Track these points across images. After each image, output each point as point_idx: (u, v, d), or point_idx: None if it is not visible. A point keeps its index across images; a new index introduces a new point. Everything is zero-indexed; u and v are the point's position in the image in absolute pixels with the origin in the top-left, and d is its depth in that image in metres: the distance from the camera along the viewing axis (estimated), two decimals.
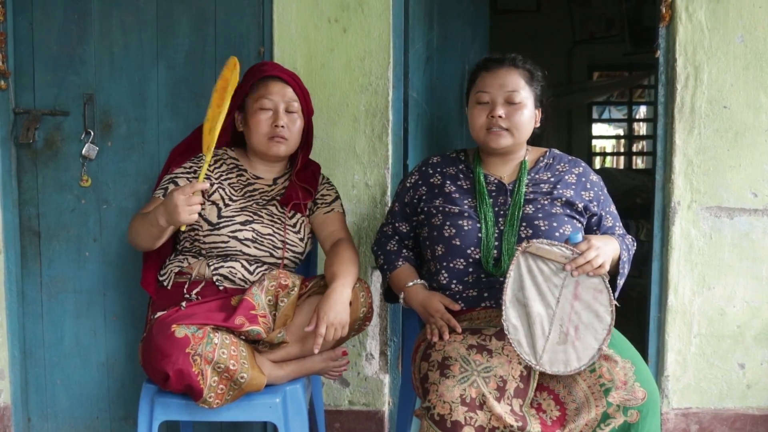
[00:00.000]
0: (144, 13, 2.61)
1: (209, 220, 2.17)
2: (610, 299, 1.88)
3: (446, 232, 2.09)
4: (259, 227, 2.19)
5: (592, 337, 1.88)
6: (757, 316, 2.64)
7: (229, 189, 2.23)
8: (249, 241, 2.17)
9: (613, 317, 1.88)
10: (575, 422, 1.85)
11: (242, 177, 2.27)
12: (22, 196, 2.67)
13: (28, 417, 2.76)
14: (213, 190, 2.20)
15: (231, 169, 2.27)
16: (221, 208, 2.19)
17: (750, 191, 2.59)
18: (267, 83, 2.21)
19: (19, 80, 2.63)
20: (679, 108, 2.57)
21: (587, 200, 2.14)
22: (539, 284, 1.90)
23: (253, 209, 2.22)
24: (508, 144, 2.12)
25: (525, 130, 2.12)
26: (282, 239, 2.21)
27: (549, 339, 1.89)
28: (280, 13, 2.58)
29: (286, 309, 2.07)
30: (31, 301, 2.71)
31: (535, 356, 1.89)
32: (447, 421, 1.78)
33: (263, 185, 2.29)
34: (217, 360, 1.90)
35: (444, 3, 3.11)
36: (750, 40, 2.55)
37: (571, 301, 1.89)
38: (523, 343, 1.89)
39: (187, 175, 2.22)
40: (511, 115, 2.09)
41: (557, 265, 1.89)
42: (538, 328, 1.89)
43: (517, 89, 2.10)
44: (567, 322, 1.89)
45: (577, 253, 1.87)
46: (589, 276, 1.88)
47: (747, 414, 2.67)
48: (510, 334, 1.89)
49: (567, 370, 1.88)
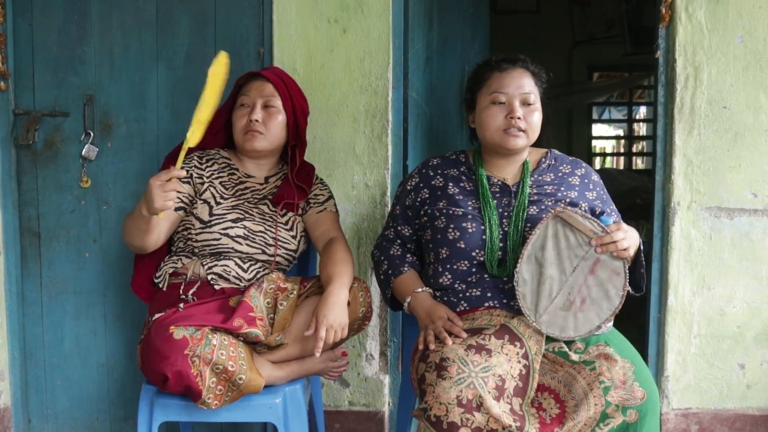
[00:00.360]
0: (144, 14, 2.61)
1: (201, 218, 2.18)
2: (624, 285, 1.92)
3: (450, 234, 2.08)
4: (251, 224, 2.20)
5: (595, 314, 1.91)
6: (757, 317, 2.64)
7: (220, 187, 2.24)
8: (240, 238, 2.17)
9: (621, 302, 1.91)
10: (574, 420, 1.86)
11: (234, 175, 2.28)
12: (22, 197, 2.67)
13: (29, 418, 2.76)
14: (204, 189, 2.21)
15: (222, 168, 2.28)
16: (212, 206, 2.19)
17: (750, 191, 2.59)
18: (248, 82, 2.27)
19: (19, 81, 2.63)
20: (679, 108, 2.57)
21: (591, 200, 2.15)
22: (561, 250, 1.93)
23: (244, 207, 2.23)
24: (524, 145, 2.13)
25: (538, 131, 2.14)
26: (273, 236, 2.21)
27: (554, 302, 1.93)
28: (280, 14, 2.58)
29: (284, 313, 2.06)
30: (31, 302, 2.71)
31: (535, 314, 1.93)
32: (443, 422, 1.78)
33: (255, 183, 2.30)
34: (216, 361, 1.90)
35: (444, 3, 3.11)
36: (750, 41, 2.56)
37: (586, 274, 1.92)
38: (528, 298, 1.94)
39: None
40: (528, 116, 2.10)
41: (584, 238, 1.92)
42: (545, 289, 1.93)
43: (532, 91, 2.12)
44: (576, 292, 1.92)
45: (607, 232, 1.89)
46: (612, 257, 1.91)
47: (747, 414, 2.67)
48: (518, 285, 1.94)
49: (561, 335, 1.92)
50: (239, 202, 2.24)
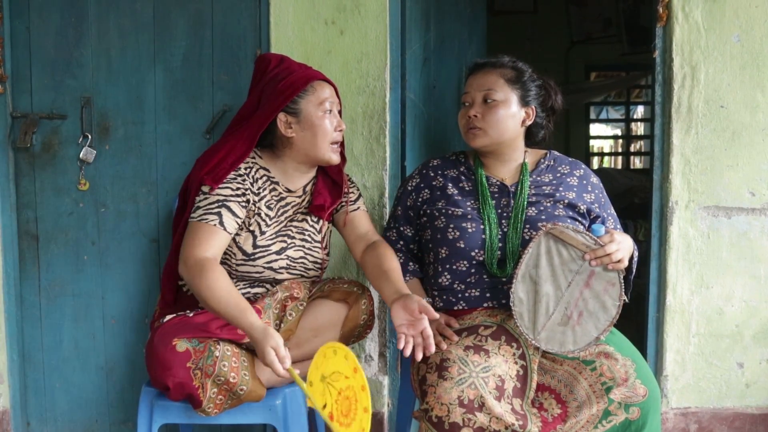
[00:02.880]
0: (141, 16, 2.61)
1: (244, 250, 2.06)
2: (620, 294, 1.92)
3: (450, 234, 2.09)
4: (292, 252, 2.11)
5: (593, 326, 1.91)
6: (755, 316, 2.64)
7: (265, 209, 2.09)
8: (283, 269, 2.11)
9: (618, 311, 1.91)
10: (576, 417, 1.86)
11: (275, 192, 2.13)
12: (19, 200, 2.67)
13: (27, 421, 2.75)
14: (253, 215, 2.07)
15: (265, 183, 2.11)
16: (257, 236, 2.07)
17: (747, 190, 2.60)
18: (323, 86, 2.12)
19: (17, 84, 2.62)
20: (677, 108, 2.58)
21: (589, 202, 2.15)
22: (555, 266, 1.93)
23: (287, 232, 2.12)
24: (485, 143, 2.13)
25: (502, 128, 2.12)
26: (313, 260, 2.16)
27: (551, 318, 1.93)
28: (277, 16, 2.58)
29: (291, 324, 2.06)
30: (29, 304, 2.70)
31: (533, 331, 1.93)
32: (445, 423, 1.79)
33: (294, 198, 2.16)
34: (218, 373, 1.90)
35: (441, 4, 3.11)
36: (746, 40, 2.56)
37: (581, 287, 1.92)
38: (525, 317, 1.94)
39: (238, 200, 2.02)
40: (486, 113, 2.11)
41: (577, 252, 1.92)
42: (542, 306, 1.92)
43: (493, 88, 2.11)
44: (572, 306, 1.92)
45: (600, 244, 1.89)
46: (606, 269, 1.90)
47: (746, 413, 2.67)
48: (514, 306, 1.93)
49: (561, 351, 1.92)
50: (281, 225, 2.12)
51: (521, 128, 2.16)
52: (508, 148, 2.16)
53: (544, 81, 2.21)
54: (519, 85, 2.13)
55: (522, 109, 2.14)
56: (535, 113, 2.16)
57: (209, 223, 1.98)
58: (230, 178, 2.04)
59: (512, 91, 2.12)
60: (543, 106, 2.19)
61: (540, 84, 2.18)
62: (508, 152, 2.17)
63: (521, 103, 2.13)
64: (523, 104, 2.14)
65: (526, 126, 2.17)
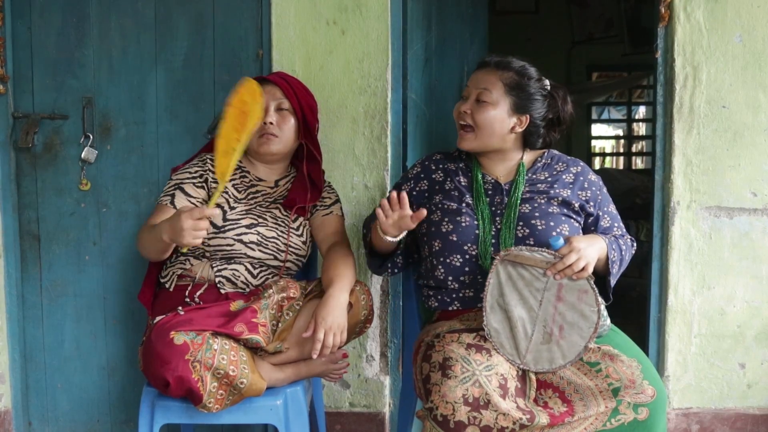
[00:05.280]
0: (142, 17, 2.61)
1: (214, 224, 2.15)
2: (596, 299, 1.90)
3: (444, 227, 2.09)
4: (264, 230, 2.19)
5: (578, 336, 1.90)
6: (757, 316, 2.64)
7: (233, 190, 2.23)
8: (254, 244, 2.17)
9: (599, 315, 1.90)
10: (584, 413, 1.85)
11: (245, 178, 2.28)
12: (21, 200, 2.67)
13: (29, 421, 2.75)
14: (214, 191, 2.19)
15: (234, 171, 2.26)
16: (226, 210, 2.18)
17: (749, 191, 2.59)
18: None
19: (18, 84, 2.63)
20: (678, 108, 2.57)
21: (583, 200, 2.13)
22: (520, 290, 1.93)
23: (257, 212, 2.22)
24: (473, 147, 2.14)
25: (488, 130, 2.10)
26: (285, 242, 2.21)
27: (532, 339, 1.92)
28: (279, 16, 2.58)
29: (287, 324, 2.07)
30: (31, 305, 2.70)
31: (518, 356, 1.92)
32: (450, 421, 1.78)
33: (265, 187, 2.29)
34: (217, 366, 1.90)
35: (442, 4, 3.11)
36: (748, 40, 2.56)
37: (554, 303, 1.92)
38: (506, 345, 1.93)
39: (194, 181, 2.21)
40: (475, 112, 2.10)
41: (538, 271, 1.92)
42: (520, 331, 1.92)
43: (488, 89, 2.10)
44: (551, 323, 1.92)
45: (558, 257, 1.88)
46: (572, 279, 1.89)
47: (748, 414, 2.67)
48: (492, 337, 1.93)
49: (552, 368, 1.91)
50: (251, 206, 2.23)
51: (511, 134, 2.13)
52: (498, 151, 2.15)
53: (553, 92, 2.17)
54: (517, 92, 2.10)
55: (513, 116, 2.11)
56: (529, 122, 2.13)
57: (162, 203, 2.19)
58: (192, 163, 2.26)
59: (506, 97, 2.10)
60: (544, 117, 2.16)
61: (546, 94, 2.15)
62: (502, 154, 2.17)
63: (514, 109, 2.10)
64: (515, 111, 2.10)
65: (517, 133, 2.14)
